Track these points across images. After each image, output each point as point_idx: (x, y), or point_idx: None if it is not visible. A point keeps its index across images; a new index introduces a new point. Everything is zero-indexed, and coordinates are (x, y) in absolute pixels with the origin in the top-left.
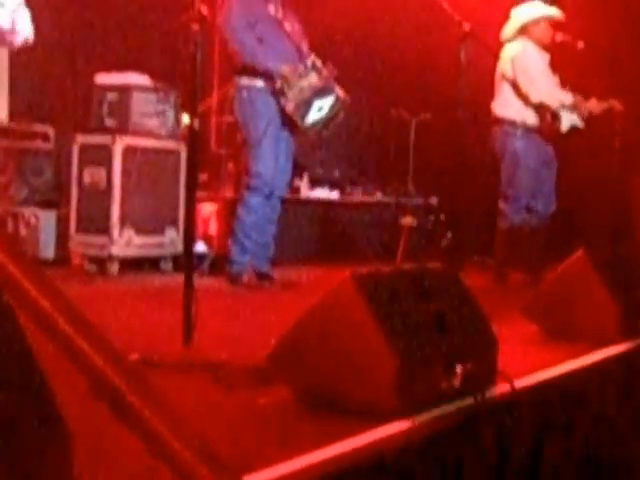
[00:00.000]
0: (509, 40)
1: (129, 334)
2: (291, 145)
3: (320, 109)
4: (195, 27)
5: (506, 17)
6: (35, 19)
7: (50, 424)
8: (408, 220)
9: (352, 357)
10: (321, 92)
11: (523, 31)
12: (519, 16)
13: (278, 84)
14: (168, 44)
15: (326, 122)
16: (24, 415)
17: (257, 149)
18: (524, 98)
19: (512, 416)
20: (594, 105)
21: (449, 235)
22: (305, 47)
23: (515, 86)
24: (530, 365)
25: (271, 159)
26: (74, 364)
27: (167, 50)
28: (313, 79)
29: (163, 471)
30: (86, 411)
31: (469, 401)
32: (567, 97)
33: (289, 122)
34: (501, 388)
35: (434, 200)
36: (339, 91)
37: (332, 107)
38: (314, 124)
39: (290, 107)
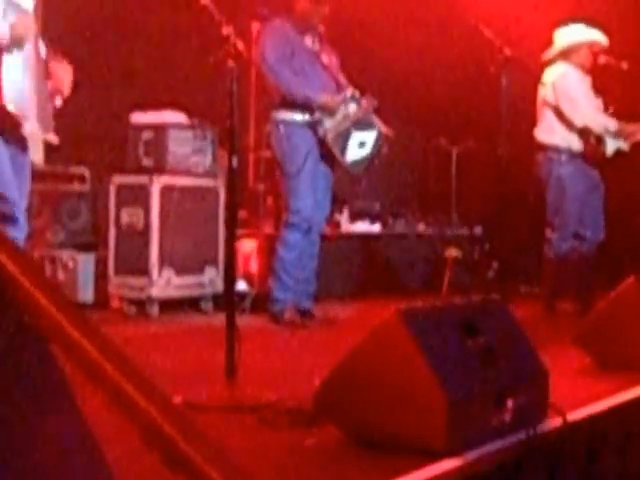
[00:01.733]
0: (550, 64)
1: (171, 376)
2: (330, 179)
3: (362, 144)
4: (231, 63)
5: (548, 41)
6: (70, 58)
7: (91, 463)
8: (452, 252)
9: (401, 394)
10: (360, 123)
11: (565, 54)
12: (562, 39)
13: (317, 115)
14: (204, 81)
15: (370, 159)
16: (63, 453)
17: (295, 184)
18: (568, 123)
19: (565, 450)
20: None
21: (495, 266)
22: (343, 79)
23: (558, 111)
24: (583, 397)
25: (309, 194)
26: (124, 413)
27: (204, 87)
28: (352, 109)
29: None
30: (136, 463)
31: (521, 436)
32: (611, 123)
33: (327, 155)
34: (553, 422)
35: (478, 230)
36: (381, 125)
37: (375, 143)
38: (357, 162)
39: (329, 138)
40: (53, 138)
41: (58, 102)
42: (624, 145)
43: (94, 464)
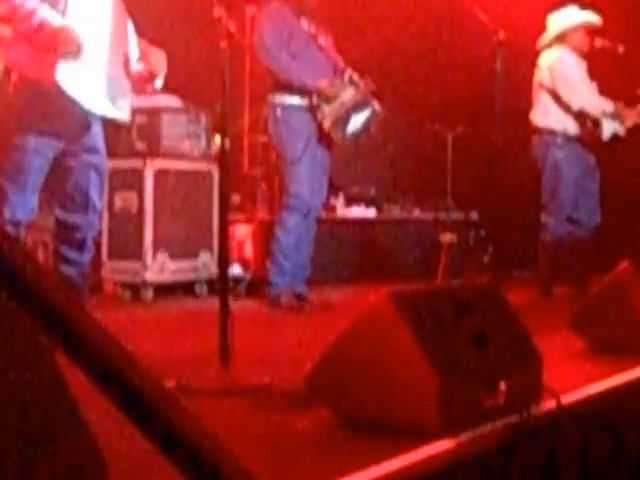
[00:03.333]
0: (546, 48)
1: (165, 361)
2: (327, 163)
3: (356, 122)
4: (223, 44)
5: (542, 24)
6: None
7: (85, 452)
8: (448, 237)
9: (392, 377)
10: (359, 106)
11: (560, 38)
12: (556, 23)
13: (315, 100)
14: (197, 64)
15: (359, 134)
16: (59, 444)
17: (293, 168)
18: (565, 106)
19: (559, 433)
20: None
21: (490, 251)
22: (340, 61)
23: (555, 95)
24: (577, 380)
25: (307, 178)
26: (115, 397)
27: (196, 70)
28: (351, 93)
29: None
30: (122, 440)
31: (514, 418)
32: (608, 105)
33: (325, 138)
34: (547, 405)
35: (474, 215)
36: (375, 104)
37: (367, 120)
38: (348, 136)
39: (327, 123)
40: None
41: (158, 84)
42: (620, 129)
43: (81, 437)
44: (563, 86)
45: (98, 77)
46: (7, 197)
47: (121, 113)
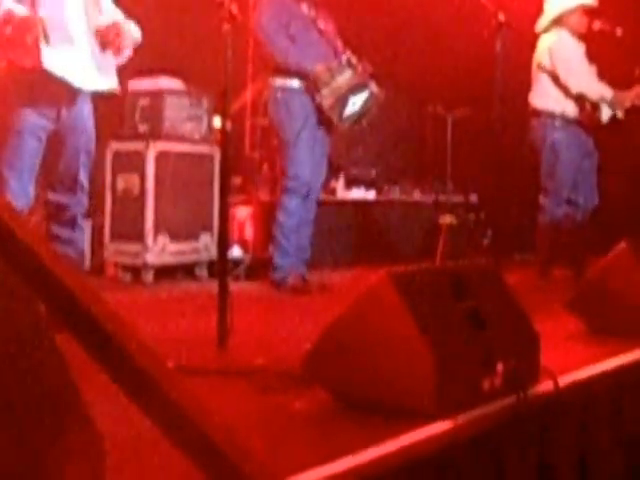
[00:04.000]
0: (544, 31)
1: (164, 342)
2: (326, 145)
3: (354, 104)
4: (226, 27)
5: (539, 8)
6: None
7: (81, 426)
8: (447, 219)
9: (390, 357)
10: (356, 89)
11: (558, 22)
12: (553, 6)
13: (313, 83)
14: (200, 47)
15: (359, 117)
16: (54, 417)
17: (293, 150)
18: (564, 88)
19: (556, 414)
20: (638, 93)
21: (490, 233)
22: (340, 45)
23: (554, 77)
24: (575, 361)
25: (307, 160)
26: (119, 379)
27: (199, 53)
28: (348, 76)
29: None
30: (120, 414)
31: (511, 400)
32: (607, 91)
33: (325, 121)
34: (545, 386)
35: (474, 197)
36: (373, 86)
37: (365, 102)
38: (347, 119)
39: (326, 105)
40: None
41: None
42: (619, 112)
43: (76, 410)
44: (562, 67)
45: (83, 53)
46: (8, 184)
47: (110, 83)
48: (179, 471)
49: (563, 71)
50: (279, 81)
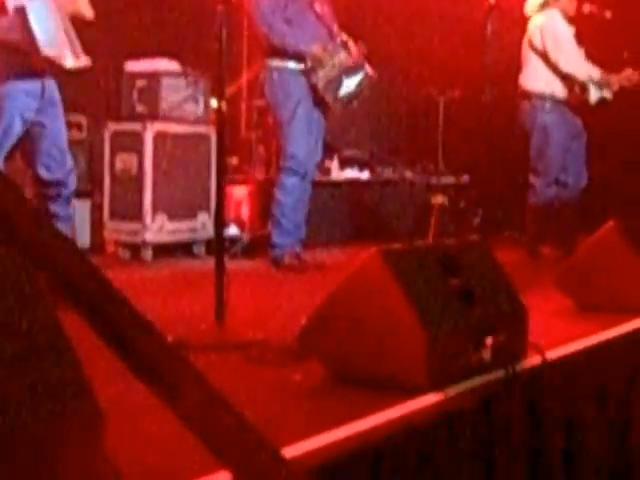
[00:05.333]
0: (534, 13)
1: (163, 318)
2: (322, 126)
3: (348, 86)
4: (220, 8)
5: None
6: None
7: (81, 402)
8: (439, 199)
9: (381, 332)
10: (351, 70)
11: (547, 4)
12: None
13: (309, 64)
14: (196, 28)
15: (351, 97)
16: (54, 392)
17: (290, 130)
18: (553, 67)
19: (544, 387)
20: (628, 75)
21: (480, 213)
22: (336, 28)
23: (544, 56)
24: (562, 337)
25: (303, 139)
26: (110, 342)
27: (195, 34)
28: (343, 57)
29: (201, 449)
30: (121, 390)
31: (500, 373)
32: (595, 71)
33: (320, 102)
34: (532, 360)
35: (465, 178)
36: (367, 68)
37: (359, 84)
38: (340, 100)
39: (321, 85)
40: (86, 61)
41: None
42: (608, 94)
43: (76, 385)
44: (553, 46)
45: (59, 32)
46: None
47: (83, 60)
48: (180, 445)
49: (553, 49)
50: (275, 62)
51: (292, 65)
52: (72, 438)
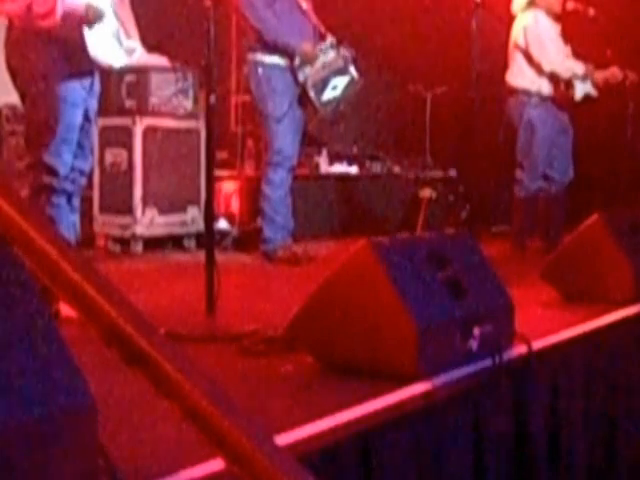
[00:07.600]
0: (519, 12)
1: (154, 311)
2: (302, 121)
3: (334, 88)
4: (207, 3)
5: None
6: None
7: (74, 392)
8: (427, 193)
9: (371, 323)
10: (339, 71)
11: (533, 2)
12: None
13: (297, 61)
14: (185, 23)
15: (338, 101)
16: (47, 386)
17: (276, 125)
18: (537, 67)
19: (530, 376)
20: (613, 73)
21: (468, 207)
22: (321, 26)
23: (527, 55)
24: (548, 327)
25: (289, 134)
26: (104, 333)
27: (184, 29)
28: (331, 58)
29: (195, 438)
30: (114, 381)
31: (487, 363)
32: (579, 67)
33: (301, 98)
34: (519, 349)
35: (453, 172)
36: (354, 72)
37: (346, 87)
38: (327, 103)
39: (308, 84)
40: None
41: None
42: (593, 91)
43: (70, 376)
44: (536, 47)
45: (110, 31)
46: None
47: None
48: (173, 434)
49: (536, 50)
50: (259, 56)
51: (277, 60)
52: (66, 431)
